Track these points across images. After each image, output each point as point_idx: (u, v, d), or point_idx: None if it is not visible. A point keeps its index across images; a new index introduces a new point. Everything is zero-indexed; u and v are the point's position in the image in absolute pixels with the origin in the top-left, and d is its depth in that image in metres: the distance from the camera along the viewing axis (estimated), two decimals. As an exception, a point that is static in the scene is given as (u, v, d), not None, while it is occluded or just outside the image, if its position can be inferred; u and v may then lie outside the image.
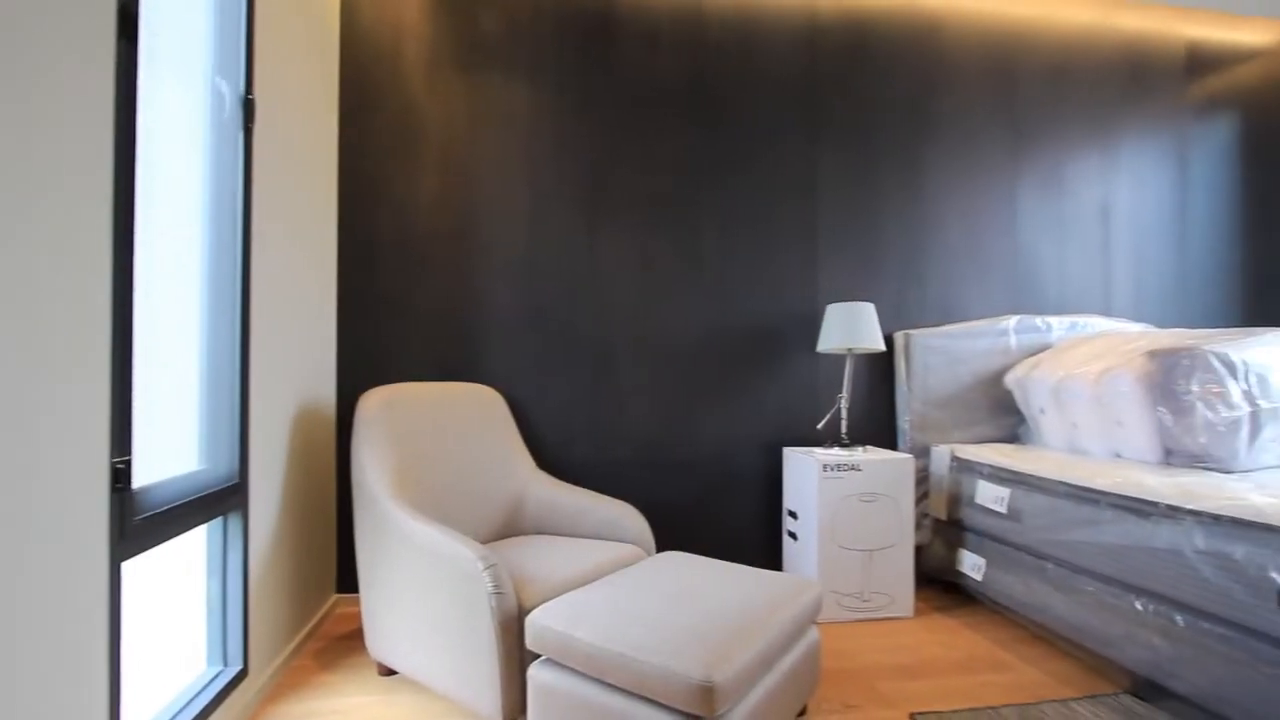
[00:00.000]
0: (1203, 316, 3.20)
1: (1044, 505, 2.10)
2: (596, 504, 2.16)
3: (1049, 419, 2.49)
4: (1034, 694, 1.84)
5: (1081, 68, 3.07)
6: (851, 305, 2.51)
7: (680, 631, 1.31)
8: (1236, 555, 1.51)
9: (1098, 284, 3.08)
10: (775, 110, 2.77)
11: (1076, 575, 1.97)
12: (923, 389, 2.73)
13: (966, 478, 2.48)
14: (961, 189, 2.94)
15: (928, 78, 2.91)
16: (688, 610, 1.42)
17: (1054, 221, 3.03)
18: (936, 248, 2.90)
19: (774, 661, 1.42)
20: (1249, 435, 1.93)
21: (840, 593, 2.36)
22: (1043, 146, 3.02)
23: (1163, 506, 1.71)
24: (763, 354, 2.74)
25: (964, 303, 2.94)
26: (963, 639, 2.22)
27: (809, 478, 2.40)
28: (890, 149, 2.87)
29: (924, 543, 2.69)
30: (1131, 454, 2.19)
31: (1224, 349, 1.98)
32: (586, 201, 2.62)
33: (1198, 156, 3.21)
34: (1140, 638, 1.75)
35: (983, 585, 2.36)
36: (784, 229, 2.76)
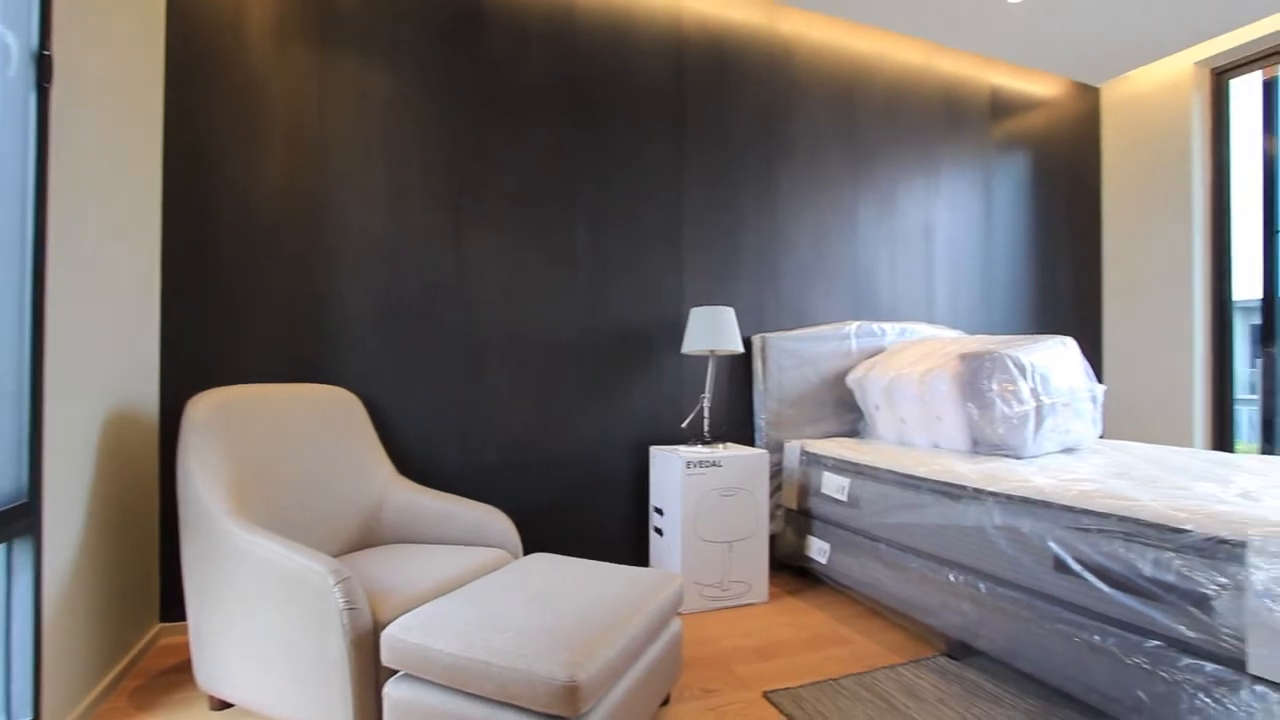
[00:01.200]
0: (1002, 324, 3.73)
1: (877, 492, 2.34)
2: (461, 509, 2.10)
3: (883, 415, 2.78)
4: (869, 663, 2.05)
5: (910, 103, 3.45)
6: (714, 309, 2.64)
7: (543, 634, 1.31)
8: (1024, 529, 1.78)
9: (922, 294, 3.48)
10: (645, 118, 2.85)
11: (904, 554, 2.21)
12: (777, 388, 2.93)
13: (814, 470, 2.69)
14: (811, 204, 3.19)
15: (782, 99, 3.13)
16: (552, 612, 1.42)
17: (887, 238, 3.38)
18: (789, 257, 3.13)
19: (638, 655, 1.46)
20: (1035, 426, 2.28)
21: (703, 584, 2.47)
22: (878, 170, 3.36)
23: (970, 490, 1.97)
24: (631, 355, 2.80)
25: (813, 308, 3.19)
26: (810, 619, 2.41)
27: (674, 475, 2.49)
28: (748, 163, 3.05)
29: (777, 532, 2.88)
30: (947, 444, 2.50)
31: (1017, 353, 2.32)
32: (453, 195, 2.53)
33: (999, 186, 3.73)
34: (953, 605, 2.00)
35: (827, 568, 2.58)
36: (651, 233, 2.85)
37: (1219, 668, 1.36)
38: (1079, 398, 2.42)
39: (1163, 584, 1.45)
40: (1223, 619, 1.34)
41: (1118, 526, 1.55)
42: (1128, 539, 1.53)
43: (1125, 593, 1.52)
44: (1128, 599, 1.51)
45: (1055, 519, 1.70)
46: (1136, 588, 1.50)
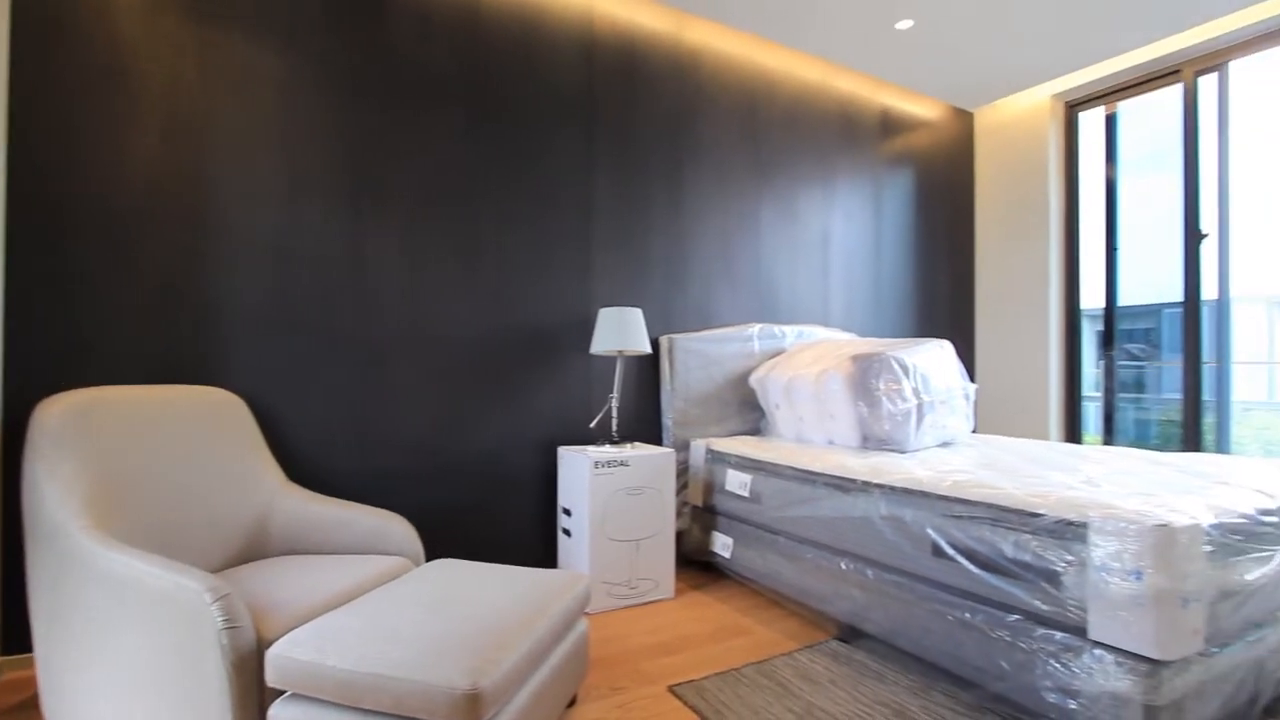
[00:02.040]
0: (890, 328, 4.00)
1: (777, 488, 2.45)
2: (358, 515, 2.00)
3: (782, 413, 2.91)
4: (768, 651, 2.14)
5: (809, 117, 3.64)
6: (622, 310, 2.66)
7: (443, 642, 1.28)
8: (906, 518, 1.92)
9: (819, 298, 3.67)
10: (554, 116, 2.83)
11: (800, 545, 2.32)
12: (684, 388, 3.00)
13: (719, 467, 2.78)
14: (717, 209, 3.29)
15: (690, 106, 3.21)
16: (454, 619, 1.39)
17: (788, 244, 3.54)
18: (696, 260, 3.21)
19: (543, 658, 1.45)
20: (916, 423, 2.47)
21: (611, 583, 2.49)
22: (780, 179, 3.52)
23: (859, 483, 2.10)
24: (539, 355, 2.78)
25: (719, 310, 3.29)
26: (714, 612, 2.49)
27: (582, 475, 2.49)
28: (657, 166, 3.10)
29: (684, 528, 2.95)
30: (840, 440, 2.65)
31: (901, 355, 2.50)
32: (351, 187, 2.41)
33: (888, 200, 4.00)
34: (844, 592, 2.12)
35: (731, 562, 2.67)
36: (560, 233, 2.83)
37: (1066, 635, 1.52)
38: (954, 396, 2.64)
39: (1021, 563, 1.61)
40: (1069, 592, 1.51)
41: (985, 513, 1.71)
42: (993, 524, 1.69)
43: (991, 573, 1.68)
44: (993, 578, 1.67)
45: (933, 508, 1.85)
46: (1000, 568, 1.66)
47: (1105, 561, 1.44)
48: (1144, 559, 1.38)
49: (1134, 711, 1.38)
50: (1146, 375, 4.56)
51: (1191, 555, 1.40)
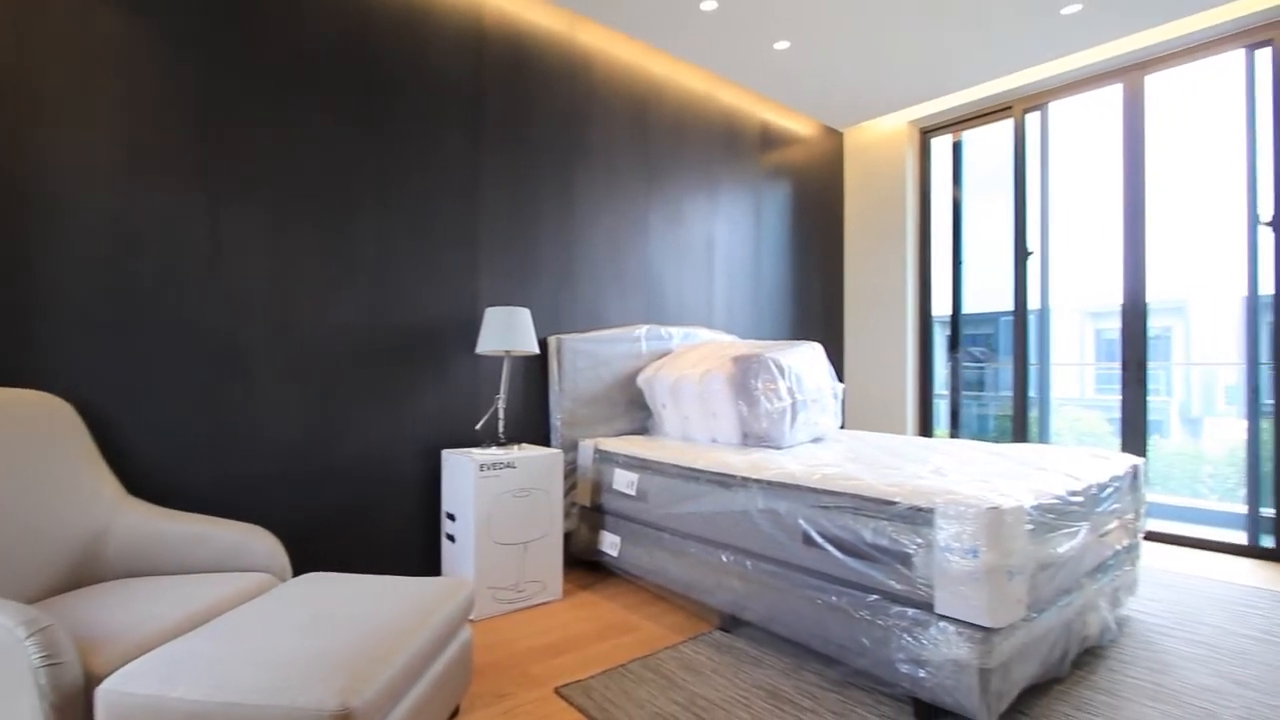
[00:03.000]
0: (769, 330, 4.22)
1: (663, 485, 2.51)
2: (214, 530, 1.82)
3: (669, 412, 2.99)
4: (654, 646, 2.19)
5: (696, 126, 3.76)
6: (509, 309, 2.62)
7: (311, 662, 1.20)
8: (781, 510, 2.04)
9: (704, 301, 3.81)
10: (441, 108, 2.72)
11: (685, 540, 2.40)
12: (572, 389, 3.00)
13: (606, 467, 2.81)
14: (607, 211, 3.32)
15: (581, 107, 3.21)
16: (323, 636, 1.30)
17: (675, 247, 3.64)
18: (586, 261, 3.22)
19: (422, 671, 1.40)
20: (791, 420, 2.63)
21: (497, 587, 2.44)
22: (668, 184, 3.61)
23: (739, 478, 2.21)
24: (422, 355, 2.67)
25: (607, 311, 3.32)
26: (601, 610, 2.51)
27: (467, 478, 2.42)
28: (548, 166, 3.08)
29: (572, 529, 2.95)
30: (723, 438, 2.77)
31: (777, 356, 2.65)
32: (208, 172, 2.19)
33: (767, 209, 4.22)
34: (726, 583, 2.22)
35: (619, 560, 2.70)
36: (446, 229, 2.74)
37: (917, 611, 1.69)
38: (824, 395, 2.84)
39: (880, 548, 1.76)
40: (919, 572, 1.67)
41: (849, 503, 1.86)
42: (855, 512, 1.83)
43: (854, 558, 1.82)
44: (856, 563, 1.81)
45: (804, 500, 1.98)
46: (862, 553, 1.80)
47: (948, 542, 1.60)
48: (979, 539, 1.55)
49: (971, 675, 1.56)
50: (986, 375, 5.13)
51: (1016, 534, 1.60)
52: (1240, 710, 1.77)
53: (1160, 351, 7.61)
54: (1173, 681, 1.92)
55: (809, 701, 1.80)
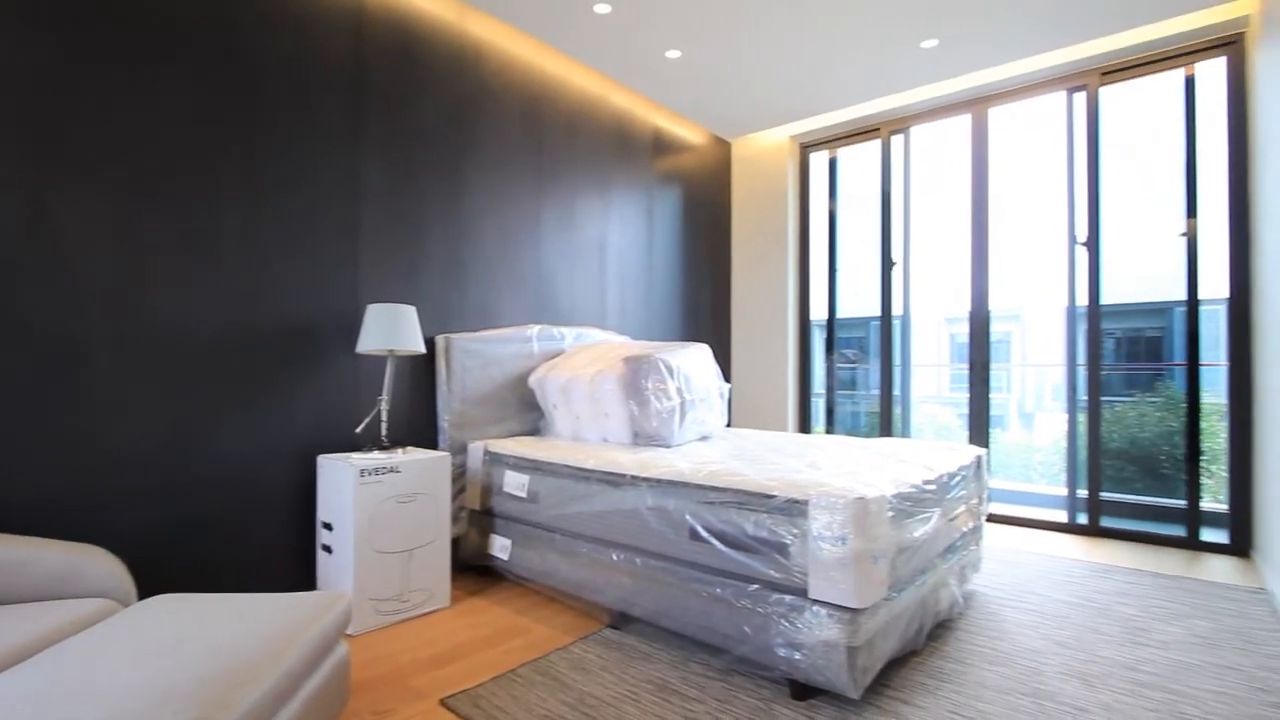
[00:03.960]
0: (660, 331, 4.32)
1: (554, 486, 2.50)
2: (39, 553, 1.60)
3: (560, 413, 2.98)
4: (544, 648, 2.17)
5: (589, 127, 3.77)
6: (393, 307, 2.50)
7: (159, 693, 1.09)
8: (669, 507, 2.10)
9: (596, 302, 3.83)
10: (319, 88, 2.55)
11: (576, 540, 2.40)
12: (461, 389, 2.91)
13: (496, 469, 2.75)
14: (498, 208, 3.25)
15: (472, 101, 3.13)
16: (172, 664, 1.18)
17: (567, 248, 3.64)
18: (476, 258, 3.14)
19: (291, 694, 1.31)
20: (680, 419, 2.70)
21: (379, 599, 2.32)
22: (561, 183, 3.59)
23: (629, 477, 2.24)
24: (296, 355, 2.48)
25: (499, 310, 3.25)
26: (491, 616, 2.46)
27: (345, 485, 2.29)
28: (437, 159, 2.97)
29: (461, 534, 2.87)
30: (613, 438, 2.80)
31: (667, 357, 2.72)
32: (32, 143, 1.91)
33: (659, 213, 4.32)
34: (616, 581, 2.25)
35: (509, 564, 2.66)
36: (322, 220, 2.57)
37: (794, 598, 1.79)
38: (711, 394, 2.95)
39: (760, 539, 1.86)
40: (795, 561, 1.78)
41: (732, 498, 1.94)
42: (739, 507, 1.92)
43: (737, 550, 1.91)
44: (738, 555, 1.90)
45: (691, 496, 2.05)
46: (744, 545, 1.89)
47: (821, 532, 1.72)
48: (847, 527, 1.68)
49: (839, 653, 1.68)
50: (858, 375, 5.53)
51: (879, 521, 1.75)
52: (1059, 666, 2.03)
53: (1001, 354, 8.58)
54: (1008, 646, 2.18)
55: (695, 691, 1.87)
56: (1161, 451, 4.24)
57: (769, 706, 1.78)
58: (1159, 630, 2.30)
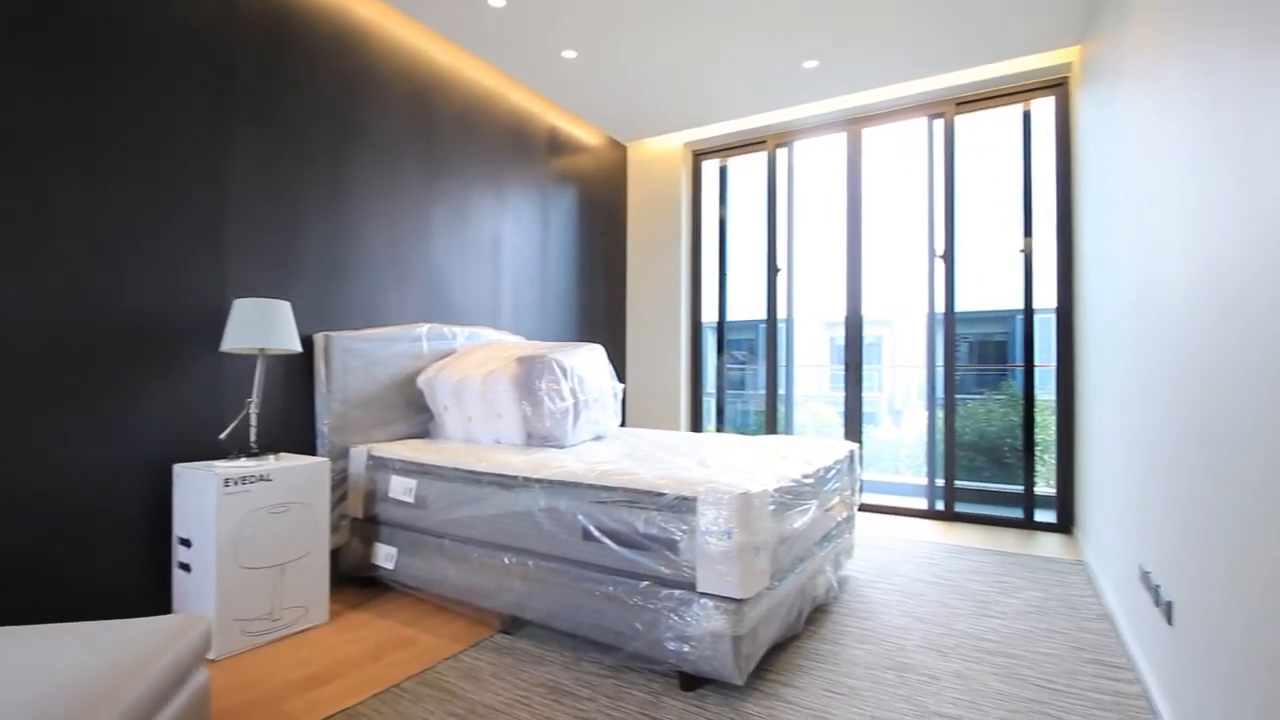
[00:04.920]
0: (555, 332, 4.30)
1: (443, 490, 2.42)
2: None
3: (451, 414, 2.89)
4: (433, 659, 2.10)
5: (483, 122, 3.68)
6: (265, 302, 2.32)
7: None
8: (561, 507, 2.10)
9: (490, 301, 3.75)
10: (178, 64, 2.31)
11: (466, 545, 2.34)
12: (343, 391, 2.75)
13: (381, 474, 2.63)
14: (385, 201, 3.10)
15: (357, 87, 2.96)
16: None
17: (460, 245, 3.53)
18: (360, 253, 2.98)
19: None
20: (574, 420, 2.71)
21: (246, 618, 2.15)
22: (453, 179, 3.48)
23: (521, 479, 2.22)
24: (149, 353, 2.24)
25: (385, 308, 3.10)
26: (374, 629, 2.34)
27: (206, 496, 2.09)
28: (317, 143, 2.79)
29: (342, 544, 2.71)
30: (506, 439, 2.76)
31: (561, 357, 2.72)
32: None
33: (555, 213, 4.30)
34: (508, 585, 2.22)
35: (395, 573, 2.54)
36: (180, 205, 2.33)
37: (683, 592, 1.85)
38: (605, 394, 2.98)
39: (651, 537, 1.90)
40: (684, 556, 1.84)
41: (624, 497, 1.98)
42: (630, 505, 1.96)
43: (628, 548, 1.94)
44: (630, 553, 1.94)
45: (583, 496, 2.06)
46: (635, 543, 1.93)
47: (708, 527, 1.79)
48: (732, 521, 1.76)
49: (725, 643, 1.76)
50: (747, 376, 5.78)
51: (762, 515, 1.84)
52: (920, 640, 2.23)
53: (874, 356, 9.28)
54: (875, 625, 2.37)
55: (586, 691, 1.88)
56: (1005, 443, 4.77)
57: (659, 699, 1.83)
58: (1001, 602, 2.59)
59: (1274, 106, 1.08)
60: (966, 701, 1.83)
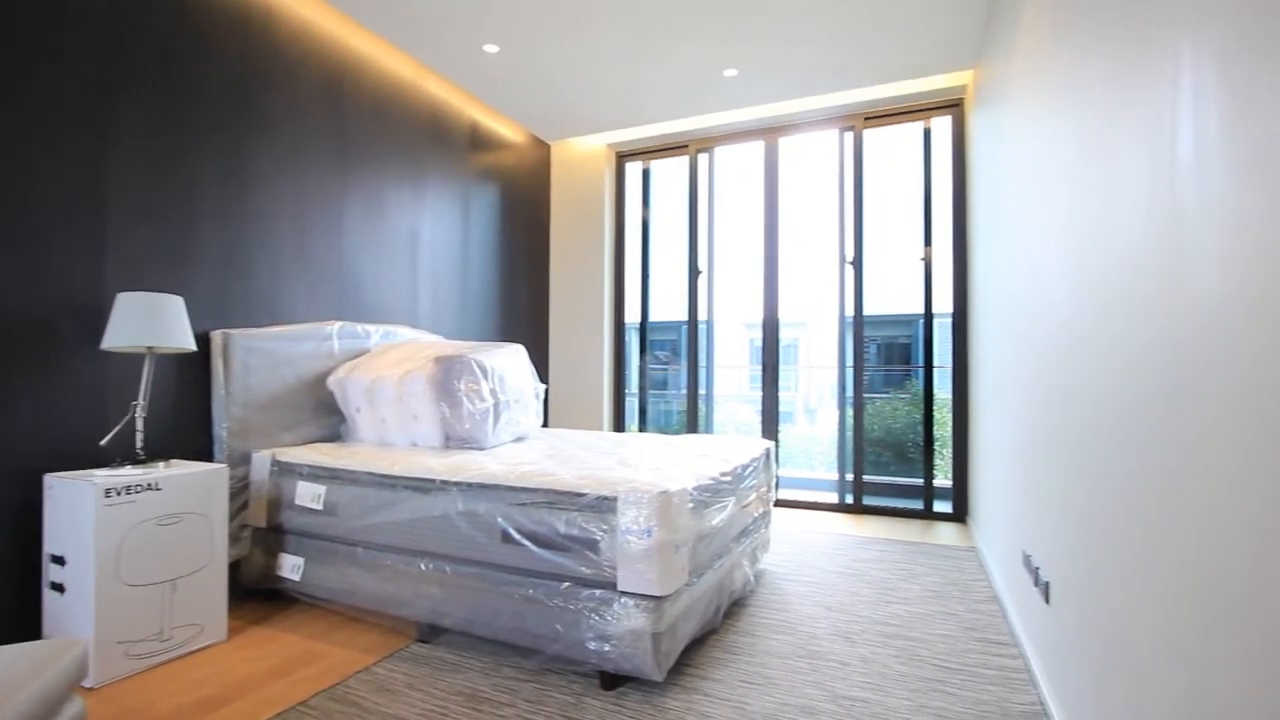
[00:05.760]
0: (476, 332, 4.21)
1: (355, 496, 2.32)
2: None
3: (364, 416, 2.78)
4: (343, 673, 2.01)
5: (400, 113, 3.56)
6: (153, 296, 2.15)
7: None
8: (480, 511, 2.06)
9: (407, 299, 3.63)
10: (49, 33, 2.10)
11: (380, 553, 2.26)
12: (244, 392, 2.58)
13: (287, 480, 2.49)
14: (293, 193, 2.94)
15: (261, 66, 2.79)
16: None
17: (375, 240, 3.40)
18: (265, 246, 2.81)
19: (3, 764, 1.07)
20: (494, 421, 2.67)
21: (130, 640, 1.98)
22: (368, 171, 3.34)
23: (438, 482, 2.16)
24: (16, 351, 2.02)
25: (292, 305, 2.94)
26: (278, 644, 2.22)
27: (84, 508, 1.91)
28: (212, 127, 2.60)
29: (242, 555, 2.55)
30: (423, 441, 2.68)
31: (481, 357, 2.67)
32: None
33: (476, 210, 4.21)
34: (424, 592, 2.15)
35: (302, 584, 2.42)
36: (56, 193, 2.12)
37: (604, 591, 1.86)
38: (527, 395, 2.95)
39: (571, 538, 1.90)
40: (605, 556, 1.85)
41: (545, 498, 1.97)
42: (551, 507, 1.95)
43: (549, 550, 1.93)
44: (550, 554, 1.93)
45: (503, 498, 2.03)
46: (556, 544, 1.92)
47: (628, 526, 1.81)
48: (652, 520, 1.79)
49: (645, 640, 1.78)
50: (670, 376, 5.86)
51: (681, 512, 1.88)
52: (830, 628, 2.35)
53: (790, 357, 9.63)
54: (790, 616, 2.46)
55: (506, 696, 1.86)
56: (908, 439, 5.08)
57: (580, 700, 1.83)
58: (903, 589, 2.76)
59: (1130, 137, 1.21)
60: (871, 684, 1.94)
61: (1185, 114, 0.97)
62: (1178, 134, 1.00)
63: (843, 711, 1.78)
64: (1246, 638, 0.79)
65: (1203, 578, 0.91)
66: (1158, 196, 1.07)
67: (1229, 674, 0.83)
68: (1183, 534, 0.97)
